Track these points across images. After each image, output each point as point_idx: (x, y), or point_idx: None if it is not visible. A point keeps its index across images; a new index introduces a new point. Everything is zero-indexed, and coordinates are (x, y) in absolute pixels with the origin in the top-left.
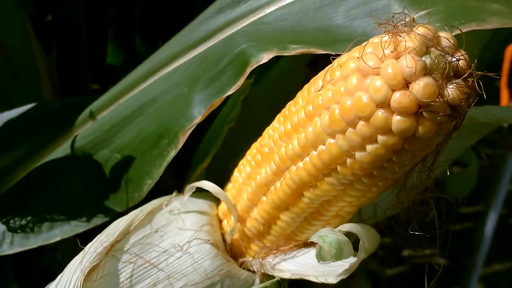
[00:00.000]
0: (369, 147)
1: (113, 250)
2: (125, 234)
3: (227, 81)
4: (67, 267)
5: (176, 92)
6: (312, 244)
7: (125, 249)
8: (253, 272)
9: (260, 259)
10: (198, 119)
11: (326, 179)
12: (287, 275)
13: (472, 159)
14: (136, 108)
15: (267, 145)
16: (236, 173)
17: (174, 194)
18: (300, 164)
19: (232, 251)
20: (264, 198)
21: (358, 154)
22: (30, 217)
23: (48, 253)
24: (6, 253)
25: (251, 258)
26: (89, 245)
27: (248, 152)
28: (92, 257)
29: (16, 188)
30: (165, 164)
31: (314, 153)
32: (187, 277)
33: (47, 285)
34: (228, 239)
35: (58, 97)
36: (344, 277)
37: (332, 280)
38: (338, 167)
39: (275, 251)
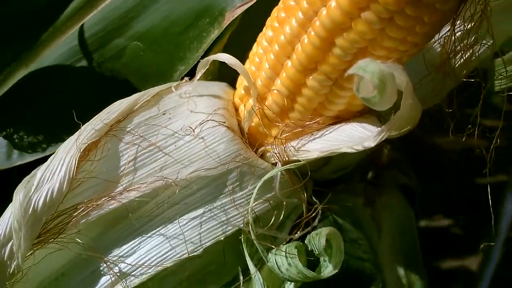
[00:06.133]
0: None
1: (114, 130)
2: (128, 113)
3: None
4: (61, 146)
5: None
6: (342, 120)
7: (128, 129)
8: (274, 164)
9: (283, 145)
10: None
11: (362, 14)
12: (314, 155)
13: None
14: None
15: None
16: (254, 47)
17: (184, 80)
18: (332, 2)
19: (250, 143)
20: (289, 62)
21: None
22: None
23: None
24: (16, 164)
25: (272, 146)
26: (86, 123)
27: (268, 19)
28: (90, 134)
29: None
30: (204, 46)
31: None
32: (198, 163)
33: (37, 167)
34: (246, 126)
35: None
36: (384, 137)
37: (371, 142)
38: None
39: (300, 130)
